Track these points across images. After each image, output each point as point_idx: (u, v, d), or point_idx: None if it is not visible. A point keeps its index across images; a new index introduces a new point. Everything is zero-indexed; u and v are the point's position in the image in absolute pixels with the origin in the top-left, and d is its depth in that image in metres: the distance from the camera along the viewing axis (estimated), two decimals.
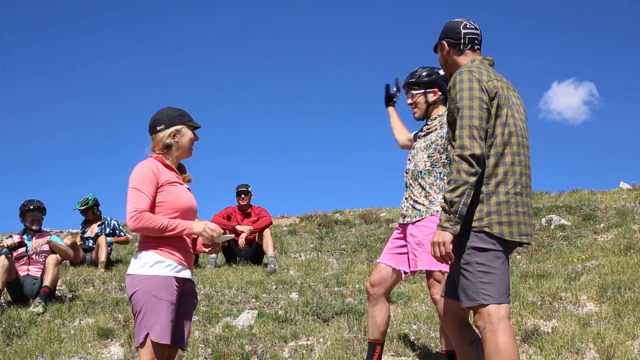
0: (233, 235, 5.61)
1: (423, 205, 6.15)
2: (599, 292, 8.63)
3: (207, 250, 5.26)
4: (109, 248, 12.76)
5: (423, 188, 6.20)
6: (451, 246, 4.52)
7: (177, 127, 5.04)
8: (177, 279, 4.87)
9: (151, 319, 4.71)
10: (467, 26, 4.90)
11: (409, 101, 6.44)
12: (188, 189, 5.15)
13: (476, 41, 4.91)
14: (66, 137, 40.58)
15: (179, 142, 5.06)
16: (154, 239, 4.86)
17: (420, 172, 6.22)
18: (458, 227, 4.45)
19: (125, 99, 41.25)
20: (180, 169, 5.21)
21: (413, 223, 6.15)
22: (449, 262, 4.62)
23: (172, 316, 4.78)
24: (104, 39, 43.34)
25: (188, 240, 5.03)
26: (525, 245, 4.78)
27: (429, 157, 6.22)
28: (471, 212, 4.51)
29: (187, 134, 5.08)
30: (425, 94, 6.40)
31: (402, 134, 6.93)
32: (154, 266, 4.81)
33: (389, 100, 7.06)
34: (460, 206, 4.41)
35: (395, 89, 7.03)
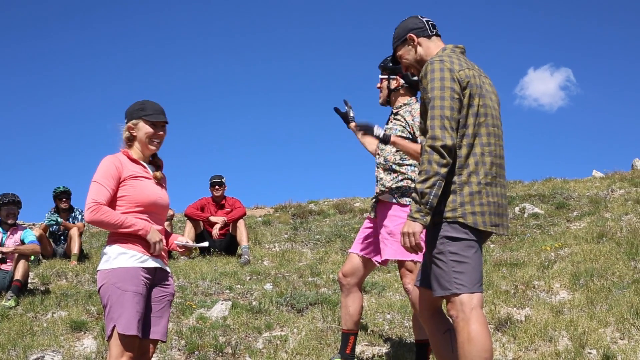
0: (207, 244, 5.59)
1: (393, 197, 6.17)
2: (572, 280, 8.68)
3: (180, 250, 5.24)
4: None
5: (395, 181, 6.21)
6: (422, 236, 4.52)
7: (134, 121, 5.00)
8: (145, 269, 4.83)
9: (117, 311, 4.68)
10: (422, 16, 4.92)
11: (378, 85, 6.56)
12: (159, 184, 5.09)
13: (436, 27, 4.92)
14: (43, 132, 40.40)
15: (137, 136, 5.03)
16: (117, 233, 4.84)
17: (391, 165, 6.23)
18: (428, 218, 4.44)
19: (101, 95, 41.10)
20: (158, 163, 5.17)
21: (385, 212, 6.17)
22: (418, 253, 4.61)
23: (140, 307, 4.74)
24: (80, 35, 43.12)
25: (160, 234, 4.97)
26: (501, 235, 4.79)
27: (397, 151, 6.22)
28: (444, 203, 4.50)
29: (143, 128, 5.00)
30: (388, 79, 6.44)
31: (373, 146, 6.93)
32: (117, 258, 4.79)
33: (346, 119, 7.05)
34: (431, 197, 4.39)
35: (346, 108, 7.04)
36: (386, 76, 6.47)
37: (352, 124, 7.03)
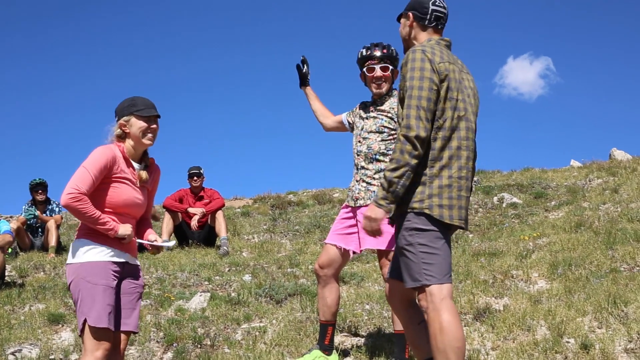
0: (175, 242, 5.56)
1: (378, 187, 6.14)
2: (550, 270, 8.71)
3: (149, 249, 5.24)
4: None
5: (377, 170, 6.19)
6: (397, 223, 4.55)
7: (126, 118, 4.97)
8: (114, 263, 4.83)
9: (87, 305, 4.67)
10: (437, 3, 4.86)
11: (381, 74, 6.34)
12: (142, 187, 5.07)
13: (441, 20, 4.89)
14: (20, 125, 40.25)
15: (130, 132, 4.99)
16: (87, 227, 4.83)
17: (375, 154, 6.21)
18: (393, 206, 4.49)
19: (79, 89, 40.97)
20: (146, 162, 5.14)
21: (367, 205, 6.14)
22: (377, 237, 4.68)
23: (111, 299, 4.74)
24: (55, 30, 42.90)
25: (129, 225, 4.94)
26: (463, 229, 4.82)
27: (382, 140, 6.21)
28: (413, 193, 4.52)
29: (136, 124, 4.96)
30: (393, 72, 6.37)
31: (326, 117, 6.91)
32: (87, 253, 4.78)
33: (304, 81, 7.02)
34: (399, 187, 4.42)
35: (305, 67, 6.99)
36: (393, 68, 6.38)
37: (308, 88, 6.99)
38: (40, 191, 12.95)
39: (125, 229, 4.85)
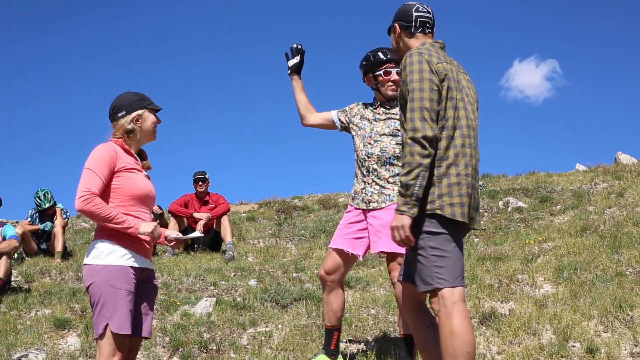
0: (199, 233, 5.52)
1: (393, 190, 6.11)
2: (556, 274, 8.70)
3: (171, 244, 5.18)
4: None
5: (392, 175, 6.15)
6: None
7: (139, 111, 4.95)
8: (134, 268, 4.77)
9: (110, 310, 4.60)
10: (419, 9, 4.90)
11: (396, 77, 6.29)
12: (147, 176, 5.07)
13: (427, 24, 4.92)
14: (20, 131, 40.28)
15: (142, 126, 4.97)
16: (109, 228, 4.74)
17: (389, 157, 6.17)
18: (416, 210, 4.44)
19: (81, 89, 40.97)
20: (142, 156, 5.13)
21: (381, 208, 6.11)
22: (409, 246, 4.61)
23: (132, 305, 4.69)
24: (56, 35, 42.97)
25: (152, 222, 4.92)
26: (475, 229, 4.79)
27: (397, 144, 6.17)
28: (423, 195, 4.51)
29: (150, 117, 4.98)
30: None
31: (310, 111, 6.68)
32: (110, 255, 4.70)
33: (299, 68, 6.73)
34: (416, 188, 4.40)
35: (299, 57, 6.74)
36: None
37: (298, 78, 6.72)
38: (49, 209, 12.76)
39: (147, 226, 4.78)
